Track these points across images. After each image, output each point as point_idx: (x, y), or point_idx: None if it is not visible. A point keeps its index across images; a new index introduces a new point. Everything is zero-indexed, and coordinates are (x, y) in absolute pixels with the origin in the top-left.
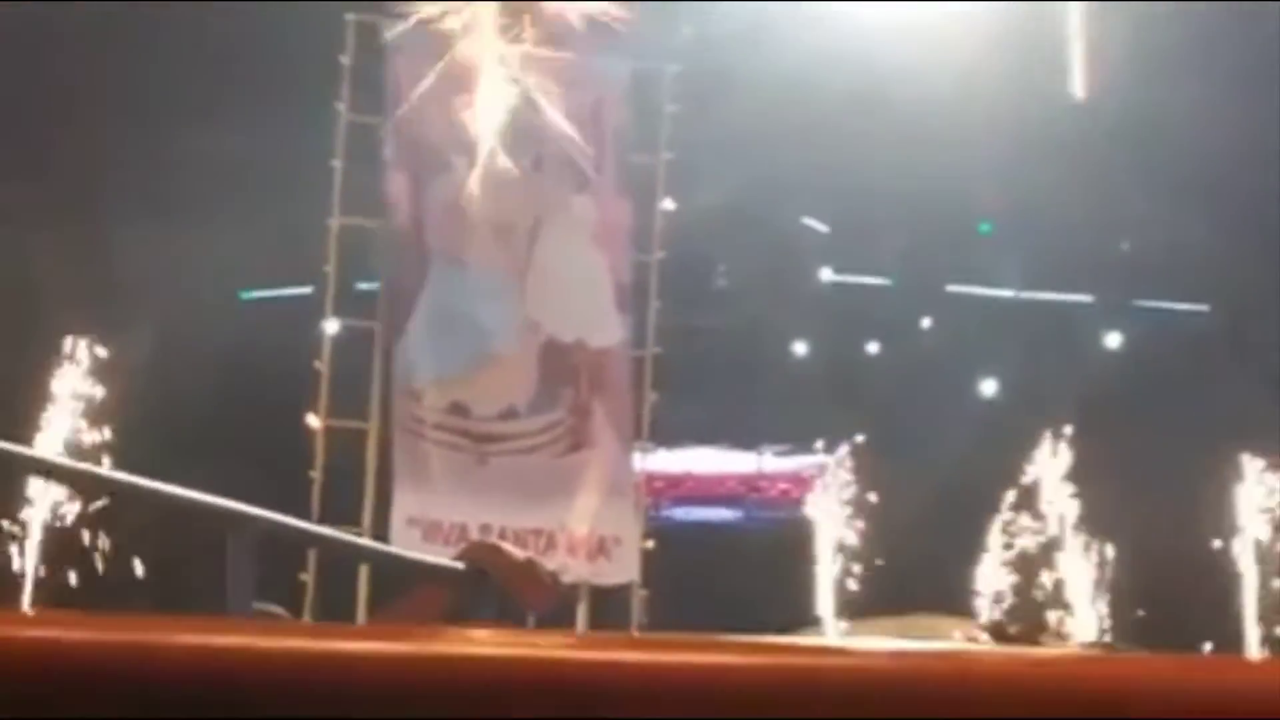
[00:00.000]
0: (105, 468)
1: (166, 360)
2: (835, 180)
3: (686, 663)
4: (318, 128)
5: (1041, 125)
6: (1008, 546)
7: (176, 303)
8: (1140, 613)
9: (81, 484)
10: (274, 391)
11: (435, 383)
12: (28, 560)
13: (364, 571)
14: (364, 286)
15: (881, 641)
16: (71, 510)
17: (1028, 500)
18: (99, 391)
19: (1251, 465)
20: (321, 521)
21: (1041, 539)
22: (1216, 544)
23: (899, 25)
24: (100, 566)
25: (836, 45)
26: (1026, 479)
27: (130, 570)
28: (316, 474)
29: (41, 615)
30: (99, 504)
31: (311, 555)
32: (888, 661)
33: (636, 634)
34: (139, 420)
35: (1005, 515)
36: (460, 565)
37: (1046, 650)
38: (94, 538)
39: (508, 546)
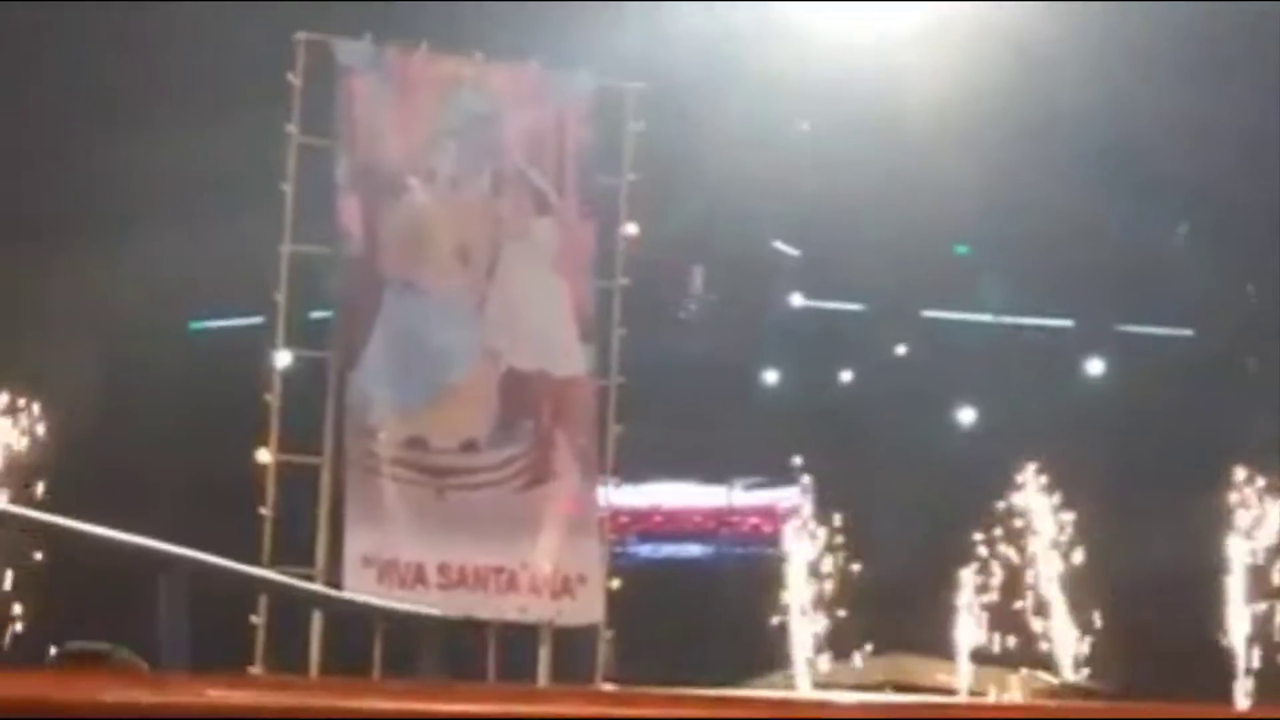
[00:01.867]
0: (20, 508)
1: (109, 393)
2: (806, 202)
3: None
4: (267, 149)
5: (1021, 142)
6: (988, 582)
7: (119, 333)
8: (1124, 647)
9: (17, 529)
10: (223, 425)
11: (391, 416)
12: None
13: (317, 616)
14: (317, 315)
15: (859, 696)
16: None
17: (1009, 533)
18: (23, 425)
19: (1242, 492)
20: (274, 562)
21: (1023, 572)
22: (1206, 572)
23: (872, 40)
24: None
25: (807, 62)
26: (1007, 511)
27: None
28: (267, 511)
29: None
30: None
31: (262, 598)
32: (866, 716)
33: (601, 688)
34: (73, 456)
35: (985, 549)
36: (413, 609)
37: (1030, 702)
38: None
39: None
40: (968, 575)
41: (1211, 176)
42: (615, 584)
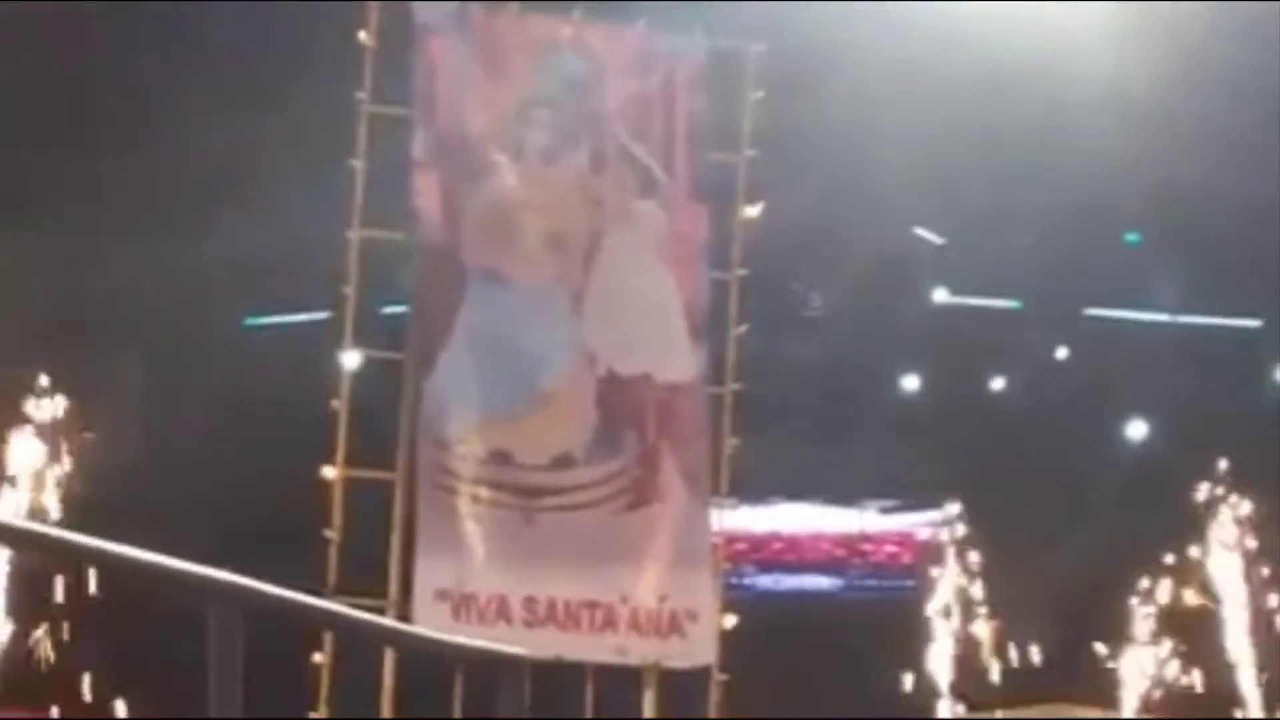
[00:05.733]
0: (67, 530)
1: (155, 398)
2: (951, 182)
3: None
4: (334, 122)
5: (1200, 117)
6: (1165, 622)
7: (169, 330)
8: None
9: (41, 549)
10: (282, 436)
11: (473, 426)
12: None
13: (389, 654)
14: (390, 310)
15: None
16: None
17: (1189, 567)
18: (67, 439)
19: None
20: (339, 592)
21: (1207, 612)
22: None
23: (1032, 7)
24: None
25: (954, 22)
26: (1187, 540)
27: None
28: (333, 534)
29: None
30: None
31: (327, 634)
32: None
33: None
34: (117, 472)
35: (1161, 584)
36: (498, 648)
37: None
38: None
39: None
40: (1143, 615)
41: None
42: (730, 621)
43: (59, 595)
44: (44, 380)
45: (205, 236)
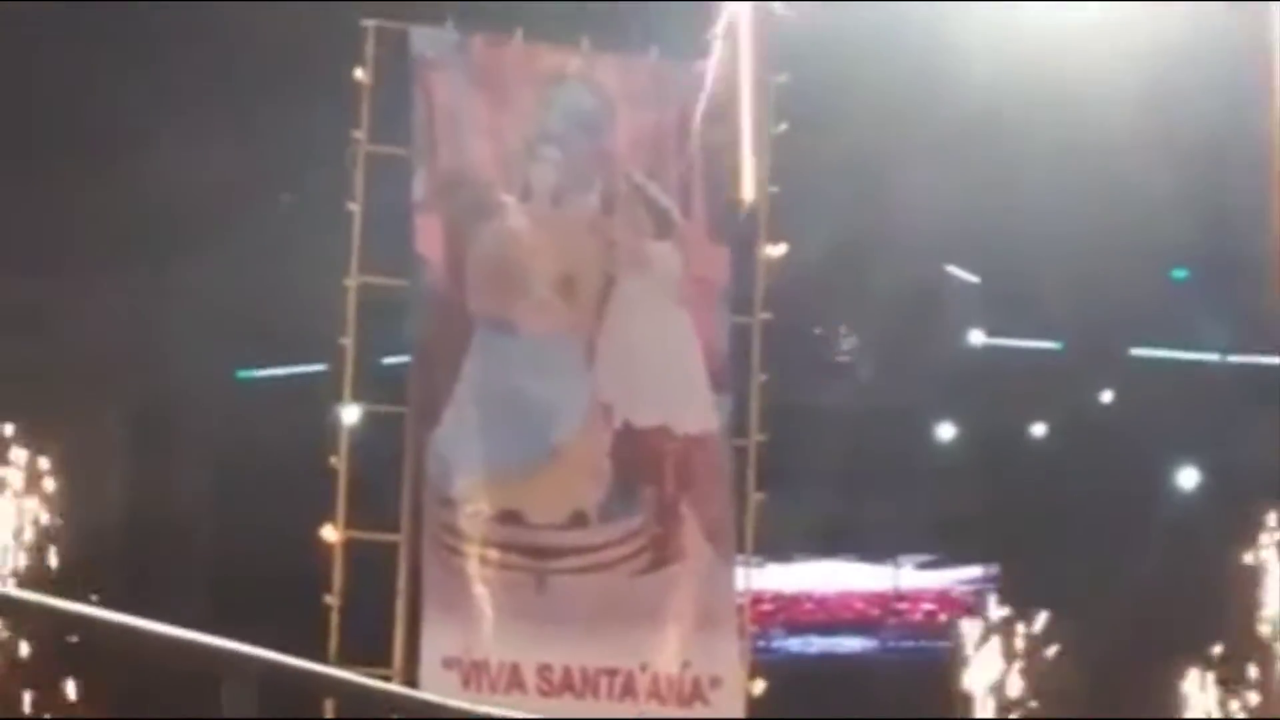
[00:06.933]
0: (65, 600)
1: (140, 455)
2: (987, 218)
3: None
4: (329, 161)
5: (1250, 145)
6: (1229, 694)
7: (155, 384)
8: None
9: (40, 619)
10: (278, 495)
11: (480, 485)
12: None
13: None
14: (390, 361)
15: None
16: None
17: (1250, 631)
18: (48, 501)
19: None
20: (341, 660)
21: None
22: None
23: (1067, 24)
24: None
25: (987, 49)
26: (1248, 601)
27: None
28: (334, 599)
29: None
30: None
31: (329, 705)
32: None
33: None
34: (106, 536)
35: (1221, 650)
36: (516, 716)
37: None
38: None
39: None
40: (1202, 686)
41: None
42: (757, 687)
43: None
44: (12, 433)
45: (193, 285)
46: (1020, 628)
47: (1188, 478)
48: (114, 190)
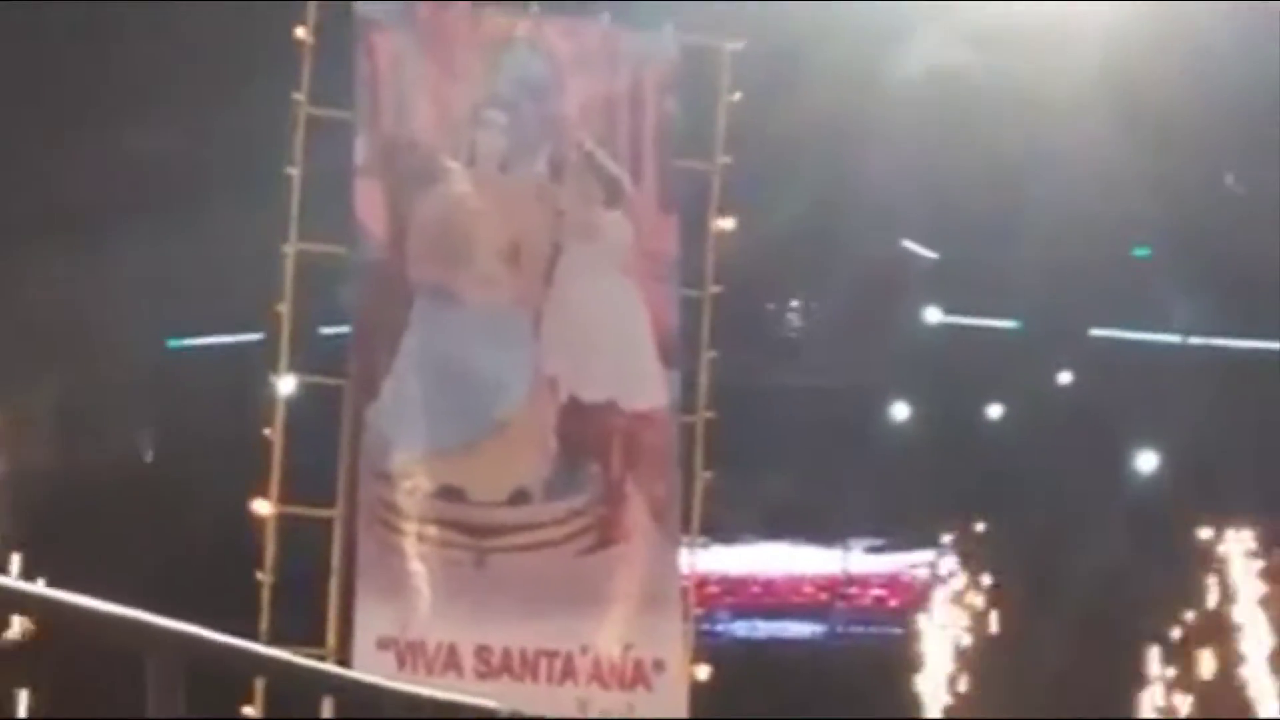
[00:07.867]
0: None
1: (68, 426)
2: (945, 193)
3: None
4: (267, 124)
5: (1212, 122)
6: (1180, 679)
7: (83, 352)
8: None
9: None
10: (210, 468)
11: (420, 459)
12: None
13: (329, 705)
14: (329, 331)
15: None
16: None
17: (1207, 615)
18: None
19: None
20: (273, 640)
21: (1228, 670)
22: None
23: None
24: None
25: (948, 18)
26: (1204, 584)
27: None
28: (266, 576)
29: None
30: None
31: (259, 684)
32: None
33: None
34: (31, 507)
35: (1176, 635)
36: (457, 699)
37: None
38: None
39: None
40: (1156, 672)
41: None
42: (702, 672)
43: None
44: None
45: (121, 250)
46: (972, 605)
47: (1146, 462)
48: (45, 159)
